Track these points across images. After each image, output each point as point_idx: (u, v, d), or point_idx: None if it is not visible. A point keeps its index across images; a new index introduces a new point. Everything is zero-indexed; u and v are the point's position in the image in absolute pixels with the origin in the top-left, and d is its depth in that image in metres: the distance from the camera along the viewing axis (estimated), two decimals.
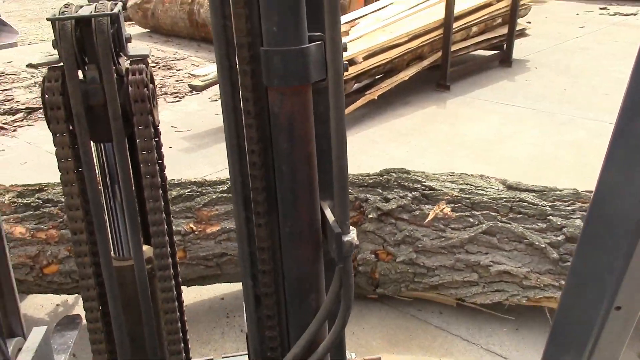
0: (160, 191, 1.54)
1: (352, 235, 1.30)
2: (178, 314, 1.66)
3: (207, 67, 6.53)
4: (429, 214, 3.01)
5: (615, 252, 1.13)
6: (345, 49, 1.26)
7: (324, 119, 1.36)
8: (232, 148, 1.41)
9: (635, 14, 10.61)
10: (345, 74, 3.24)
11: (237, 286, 3.26)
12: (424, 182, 3.12)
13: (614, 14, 10.68)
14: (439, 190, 3.09)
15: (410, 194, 3.06)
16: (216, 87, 6.16)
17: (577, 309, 1.23)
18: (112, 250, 1.65)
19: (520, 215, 3.02)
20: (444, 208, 3.00)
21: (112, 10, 1.44)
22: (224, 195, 3.07)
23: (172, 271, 1.60)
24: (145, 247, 1.66)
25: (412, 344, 2.95)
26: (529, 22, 8.79)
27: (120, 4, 1.46)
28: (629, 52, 7.90)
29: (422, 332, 3.04)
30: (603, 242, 1.15)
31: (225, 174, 4.51)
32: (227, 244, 3.01)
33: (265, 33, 1.26)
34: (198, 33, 9.79)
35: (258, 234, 1.47)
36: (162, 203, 1.55)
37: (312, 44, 1.28)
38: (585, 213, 2.72)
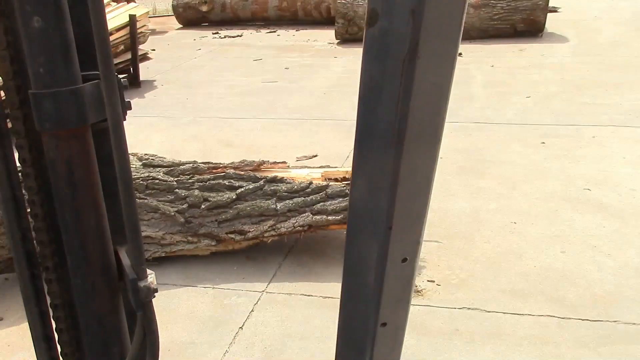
0: None
1: (150, 279, 1.24)
2: None
3: None
4: None
5: (371, 270, 1.18)
6: (126, 87, 1.22)
7: (109, 160, 1.26)
8: (7, 201, 1.29)
9: (240, 35, 12.49)
10: None
11: None
12: None
13: (224, 37, 12.48)
14: None
15: None
16: None
17: (351, 327, 1.27)
18: None
19: (154, 191, 3.85)
20: None
21: None
22: None
23: None
24: None
25: None
26: (154, 49, 10.68)
27: None
28: (236, 64, 9.81)
29: None
30: (361, 263, 1.19)
31: None
32: None
33: (32, 74, 1.17)
34: None
35: (50, 290, 1.36)
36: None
37: (87, 83, 1.21)
38: (203, 183, 3.86)
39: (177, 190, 3.91)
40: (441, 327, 3.29)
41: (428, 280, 3.66)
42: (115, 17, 8.39)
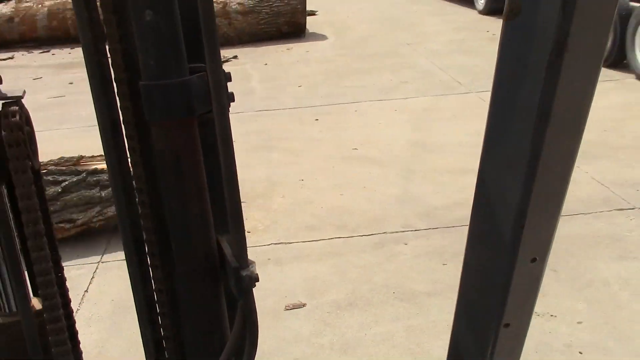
0: (45, 239, 1.32)
1: (252, 268, 1.19)
2: None
3: None
4: None
5: (497, 270, 1.10)
6: (229, 79, 1.15)
7: (212, 151, 1.23)
8: (118, 189, 1.24)
9: (12, 57, 11.18)
10: None
11: None
12: None
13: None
14: None
15: None
16: None
17: (471, 327, 1.20)
18: None
19: None
20: None
21: None
22: None
23: (65, 323, 1.39)
24: (34, 300, 1.43)
25: None
26: None
27: None
28: (15, 85, 9.28)
29: None
30: (485, 263, 1.12)
31: None
32: None
33: (143, 66, 1.12)
34: None
35: (154, 276, 1.30)
36: (49, 251, 1.34)
37: (194, 75, 1.14)
38: None
39: None
40: (255, 259, 4.08)
41: None
42: None
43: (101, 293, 3.73)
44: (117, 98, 1.20)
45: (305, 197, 4.67)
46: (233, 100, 1.19)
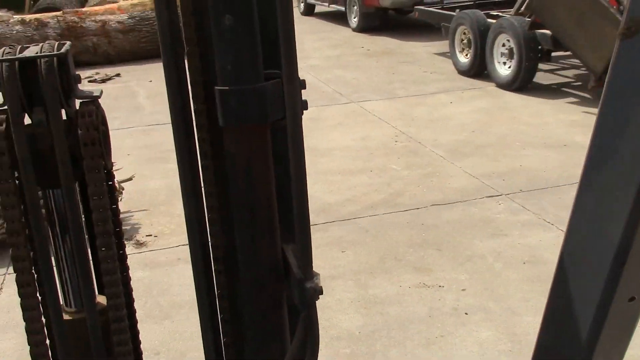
0: (114, 238, 1.33)
1: (316, 280, 1.16)
2: None
3: None
4: None
5: (589, 309, 1.02)
6: (304, 87, 1.13)
7: (283, 159, 1.21)
8: (189, 193, 1.24)
9: None
10: None
11: None
12: None
13: None
14: None
15: None
16: None
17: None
18: (63, 302, 1.42)
19: None
20: None
21: (59, 50, 1.24)
22: None
23: (128, 322, 1.39)
24: (99, 297, 1.42)
25: None
26: None
27: (69, 43, 1.29)
28: None
29: None
30: (577, 297, 1.05)
31: None
32: None
33: (220, 71, 1.11)
34: None
35: (218, 280, 1.29)
36: (116, 250, 1.34)
37: (269, 81, 1.13)
38: None
39: None
40: (167, 259, 4.22)
41: (147, 235, 4.35)
42: None
43: (12, 302, 3.80)
44: (191, 101, 1.19)
45: None
46: (306, 108, 1.17)
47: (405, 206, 4.59)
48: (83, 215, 1.37)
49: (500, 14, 8.04)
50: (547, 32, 6.82)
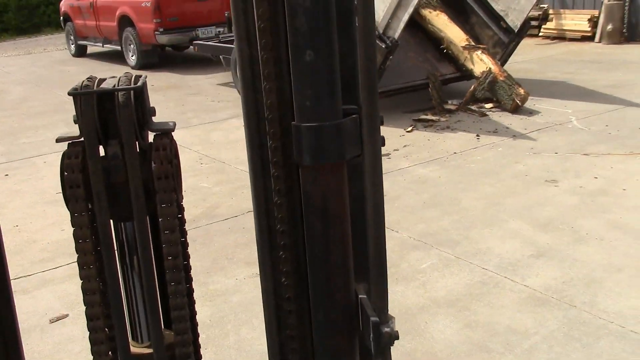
0: (183, 273, 1.32)
1: (392, 324, 1.13)
2: None
3: None
4: None
5: None
6: (382, 123, 1.11)
7: (358, 196, 1.20)
8: (262, 231, 1.24)
9: None
10: None
11: None
12: None
13: None
14: None
15: None
16: None
17: None
18: (130, 336, 1.42)
19: None
20: None
21: (136, 83, 1.25)
22: None
23: (194, 358, 1.39)
24: (166, 332, 1.41)
25: None
26: None
27: (145, 75, 1.30)
28: None
29: None
30: None
31: None
32: None
33: (298, 107, 1.09)
34: None
35: (287, 321, 1.27)
36: (185, 285, 1.33)
37: (347, 117, 1.11)
38: None
39: None
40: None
41: None
42: None
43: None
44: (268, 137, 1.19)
45: (27, 238, 4.88)
46: (384, 145, 1.14)
47: (224, 216, 4.92)
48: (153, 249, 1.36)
49: None
50: None
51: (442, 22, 7.99)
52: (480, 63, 7.65)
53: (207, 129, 7.59)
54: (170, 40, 11.75)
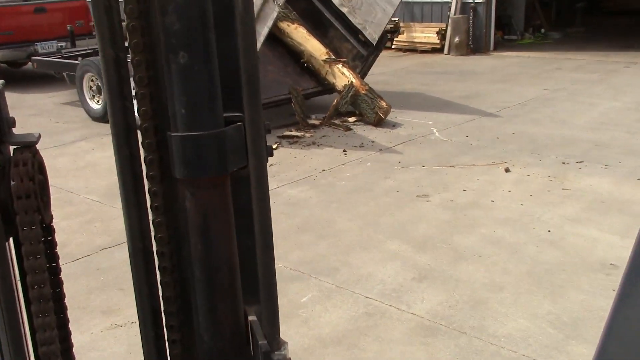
0: (51, 303, 1.21)
1: (284, 351, 1.05)
2: None
3: None
4: None
5: None
6: (268, 131, 1.05)
7: (245, 211, 1.11)
8: (136, 252, 1.12)
9: None
10: None
11: None
12: None
13: None
14: None
15: None
16: None
17: None
18: None
19: None
20: None
21: None
22: None
23: None
24: None
25: None
26: None
27: (2, 82, 1.18)
28: None
29: None
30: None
31: None
32: None
33: (173, 115, 1.01)
34: None
35: (171, 352, 1.18)
36: (54, 317, 1.22)
37: (230, 126, 1.04)
38: None
39: None
40: None
41: None
42: None
43: None
44: (141, 149, 1.10)
45: None
46: (271, 155, 1.07)
47: (74, 256, 4.48)
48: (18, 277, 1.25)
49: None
50: None
51: (301, 36, 7.83)
52: (342, 77, 7.57)
53: (52, 154, 7.01)
54: (5, 56, 10.91)
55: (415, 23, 13.73)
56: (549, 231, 4.46)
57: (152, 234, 1.13)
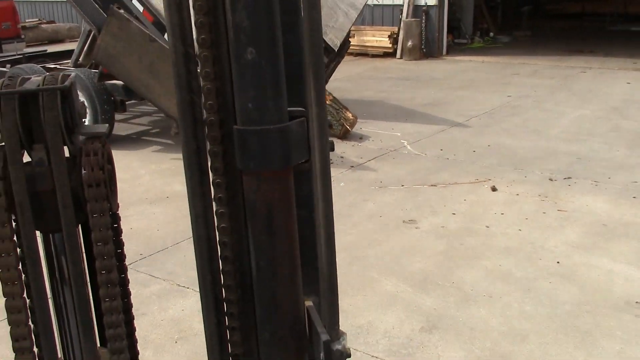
0: (119, 288, 1.26)
1: (343, 341, 1.08)
2: None
3: None
4: None
5: None
6: (331, 126, 1.09)
7: (306, 203, 1.17)
8: (200, 240, 1.16)
9: None
10: None
11: None
12: None
13: None
14: None
15: None
16: None
17: None
18: (61, 355, 1.33)
19: None
20: None
21: (63, 82, 1.17)
22: None
23: None
24: (102, 350, 1.34)
25: None
26: None
27: (74, 74, 1.21)
28: None
29: None
30: None
31: None
32: None
33: (240, 110, 1.05)
34: None
35: (231, 338, 1.21)
36: (120, 301, 1.26)
37: (294, 121, 1.06)
38: None
39: None
40: None
41: None
42: None
43: None
44: (207, 142, 1.13)
45: None
46: (333, 150, 1.10)
47: None
48: (86, 262, 1.29)
49: (59, 66, 8.03)
50: (119, 82, 6.81)
51: None
52: None
53: None
54: None
55: (366, 26, 13.31)
56: (557, 262, 4.04)
57: (215, 223, 1.17)
